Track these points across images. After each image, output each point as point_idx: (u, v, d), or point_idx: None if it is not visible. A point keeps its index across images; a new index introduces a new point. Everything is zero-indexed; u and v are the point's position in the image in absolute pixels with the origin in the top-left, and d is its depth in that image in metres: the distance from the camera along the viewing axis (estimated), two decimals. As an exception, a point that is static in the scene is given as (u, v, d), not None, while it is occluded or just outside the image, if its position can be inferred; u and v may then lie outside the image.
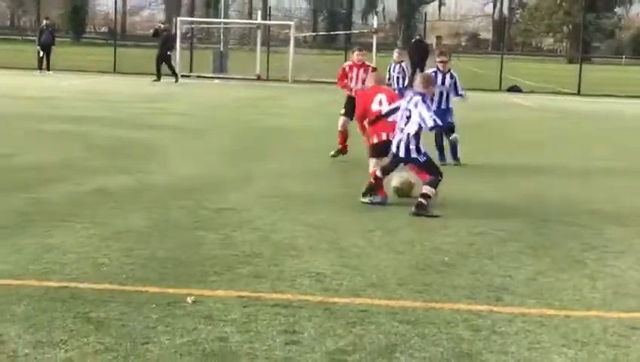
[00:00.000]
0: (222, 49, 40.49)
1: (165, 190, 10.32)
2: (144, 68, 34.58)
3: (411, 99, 9.85)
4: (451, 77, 13.61)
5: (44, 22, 37.81)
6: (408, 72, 19.51)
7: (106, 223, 8.37)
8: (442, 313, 6.02)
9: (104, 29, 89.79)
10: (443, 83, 13.48)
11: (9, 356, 4.92)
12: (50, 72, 34.56)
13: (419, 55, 34.12)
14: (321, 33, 66.70)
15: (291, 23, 41.41)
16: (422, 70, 34.13)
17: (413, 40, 36.56)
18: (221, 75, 37.04)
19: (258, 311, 5.90)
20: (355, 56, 13.79)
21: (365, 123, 10.92)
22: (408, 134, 9.75)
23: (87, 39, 79.24)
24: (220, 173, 11.79)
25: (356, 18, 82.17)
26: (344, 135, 13.56)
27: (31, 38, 54.34)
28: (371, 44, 36.43)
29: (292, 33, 37.46)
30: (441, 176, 9.75)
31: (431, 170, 9.84)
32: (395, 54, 19.58)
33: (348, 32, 51.46)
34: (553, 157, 15.38)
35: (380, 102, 10.66)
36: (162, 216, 8.84)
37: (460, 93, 13.78)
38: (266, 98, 27.24)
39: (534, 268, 7.38)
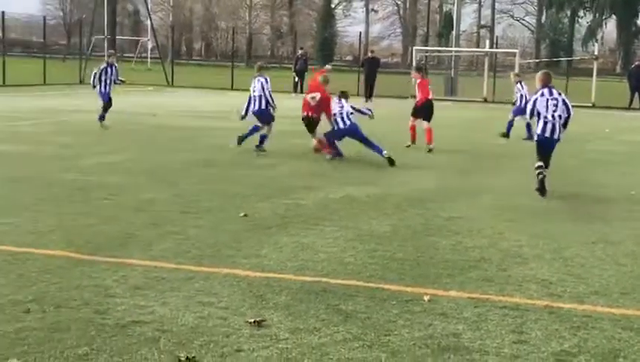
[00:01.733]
0: (452, 74, 40.30)
1: (403, 199, 10.36)
2: (383, 91, 34.95)
3: (551, 93, 11.08)
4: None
5: (299, 52, 39.09)
6: (523, 90, 19.50)
7: (351, 227, 8.51)
8: (665, 323, 5.65)
9: (349, 57, 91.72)
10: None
11: (272, 338, 5.10)
12: (303, 95, 35.65)
13: (638, 79, 32.57)
14: (543, 60, 64.84)
15: (516, 50, 40.54)
16: (640, 93, 32.55)
17: (632, 66, 34.89)
18: (451, 98, 36.83)
19: (488, 311, 5.79)
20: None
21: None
22: (560, 118, 10.99)
23: (335, 66, 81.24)
24: (451, 186, 11.70)
25: (577, 45, 79.27)
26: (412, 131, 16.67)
27: (287, 66, 56.30)
28: (591, 70, 35.02)
29: (517, 60, 36.61)
30: None
31: None
32: (512, 75, 20.87)
33: (569, 58, 49.70)
34: None
35: (313, 98, 14.60)
36: (401, 222, 8.88)
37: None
38: (492, 118, 26.76)
39: None
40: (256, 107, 14.90)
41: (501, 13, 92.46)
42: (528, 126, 18.47)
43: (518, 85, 19.92)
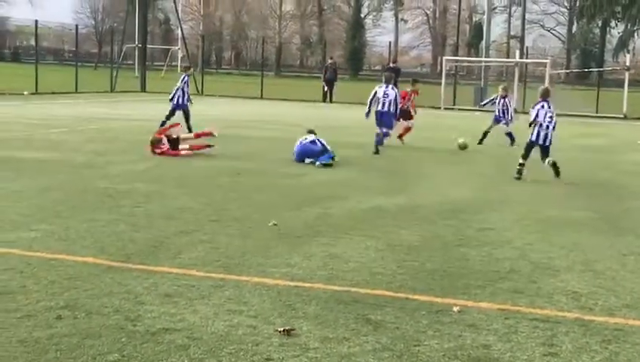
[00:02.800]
0: (482, 84, 40.18)
1: (432, 209, 10.34)
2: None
3: (549, 106, 13.54)
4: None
5: (329, 61, 39.26)
6: (511, 106, 20.55)
7: (381, 237, 8.50)
8: (698, 337, 5.58)
9: (378, 67, 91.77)
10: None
11: (301, 347, 5.10)
12: (333, 105, 35.71)
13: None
14: (574, 70, 64.42)
15: (547, 60, 40.34)
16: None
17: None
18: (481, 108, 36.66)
19: (518, 323, 5.76)
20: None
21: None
22: (553, 129, 13.46)
23: (364, 76, 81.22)
24: (480, 196, 11.65)
25: (608, 56, 78.72)
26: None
27: (316, 75, 56.35)
28: (623, 81, 34.75)
29: (548, 70, 36.44)
30: None
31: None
32: (500, 89, 20.95)
33: (600, 69, 49.33)
34: None
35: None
36: (430, 233, 8.86)
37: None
38: (521, 129, 26.60)
39: None
40: (385, 108, 17.60)
41: (531, 24, 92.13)
42: (510, 135, 20.19)
43: (506, 100, 20.57)
